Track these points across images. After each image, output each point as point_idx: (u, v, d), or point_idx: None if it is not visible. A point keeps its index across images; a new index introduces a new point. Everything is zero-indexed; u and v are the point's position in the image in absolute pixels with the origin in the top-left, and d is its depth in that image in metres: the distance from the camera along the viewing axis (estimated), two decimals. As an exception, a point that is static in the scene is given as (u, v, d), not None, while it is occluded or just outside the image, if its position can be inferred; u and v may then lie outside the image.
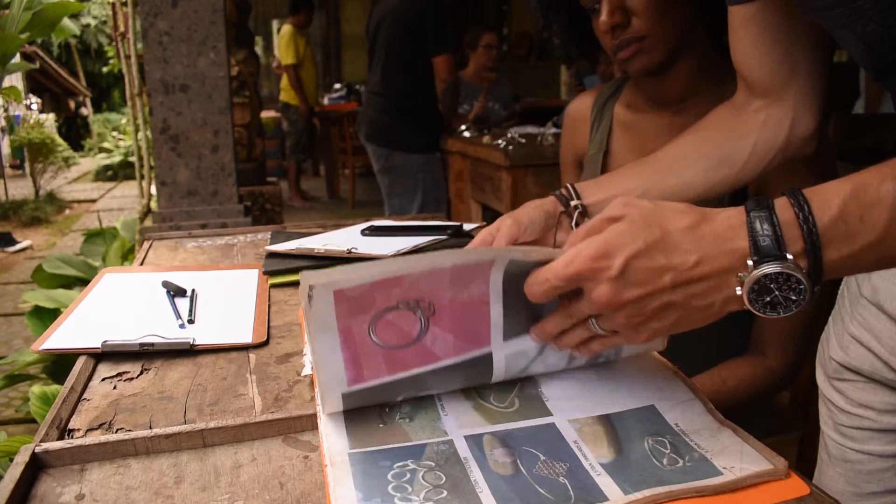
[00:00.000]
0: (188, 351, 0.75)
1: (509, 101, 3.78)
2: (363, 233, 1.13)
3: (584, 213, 0.77)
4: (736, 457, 0.52)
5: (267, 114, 6.03)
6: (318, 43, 8.58)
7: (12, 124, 9.52)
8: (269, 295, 0.93)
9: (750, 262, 0.48)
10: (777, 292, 0.48)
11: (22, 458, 0.52)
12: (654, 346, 0.63)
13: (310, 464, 0.54)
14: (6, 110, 9.46)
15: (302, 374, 0.69)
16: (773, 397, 0.93)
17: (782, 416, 1.21)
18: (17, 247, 5.54)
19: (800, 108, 0.75)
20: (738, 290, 0.49)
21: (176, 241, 1.26)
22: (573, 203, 0.77)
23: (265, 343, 0.78)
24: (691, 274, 0.49)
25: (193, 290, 0.91)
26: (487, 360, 0.58)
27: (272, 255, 1.05)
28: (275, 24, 8.60)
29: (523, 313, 0.57)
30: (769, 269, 0.47)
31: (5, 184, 7.61)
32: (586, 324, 0.55)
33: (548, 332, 0.58)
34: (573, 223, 0.77)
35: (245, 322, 0.83)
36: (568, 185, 0.78)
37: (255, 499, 0.50)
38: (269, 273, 0.98)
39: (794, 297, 0.49)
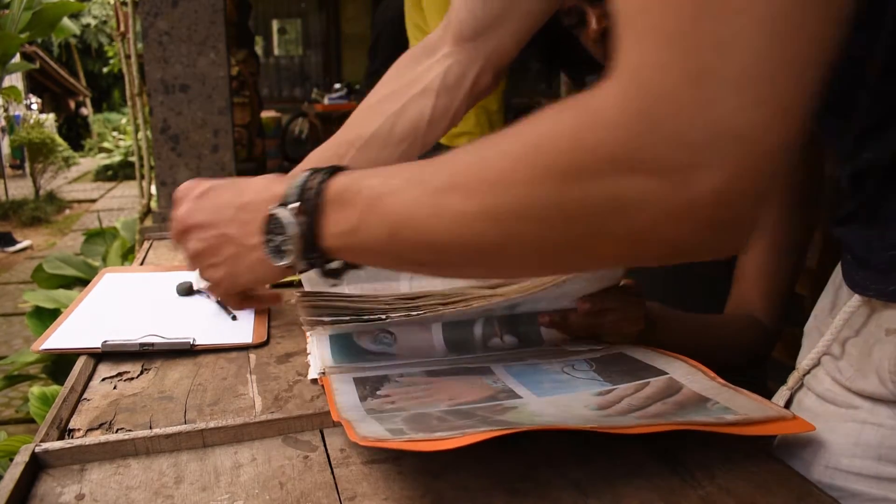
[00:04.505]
0: (188, 351, 0.75)
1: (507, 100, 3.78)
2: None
3: None
4: (744, 408, 0.55)
5: (267, 114, 6.00)
6: (319, 42, 8.57)
7: (12, 124, 9.52)
8: (269, 295, 0.93)
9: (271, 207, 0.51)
10: (276, 236, 0.50)
11: (22, 458, 0.52)
12: (610, 276, 0.70)
13: (310, 464, 0.54)
14: (6, 110, 9.46)
15: (309, 378, 0.69)
16: (765, 360, 0.96)
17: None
18: (17, 247, 5.54)
19: (491, 59, 0.76)
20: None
21: (176, 241, 1.26)
22: None
23: (265, 343, 0.78)
24: (243, 210, 0.54)
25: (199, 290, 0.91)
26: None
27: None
28: (275, 23, 8.57)
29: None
30: (272, 211, 0.50)
31: (5, 184, 7.61)
32: None
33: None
34: None
35: (245, 322, 0.83)
36: None
37: (255, 499, 0.50)
38: (269, 273, 0.98)
39: (286, 248, 0.49)
